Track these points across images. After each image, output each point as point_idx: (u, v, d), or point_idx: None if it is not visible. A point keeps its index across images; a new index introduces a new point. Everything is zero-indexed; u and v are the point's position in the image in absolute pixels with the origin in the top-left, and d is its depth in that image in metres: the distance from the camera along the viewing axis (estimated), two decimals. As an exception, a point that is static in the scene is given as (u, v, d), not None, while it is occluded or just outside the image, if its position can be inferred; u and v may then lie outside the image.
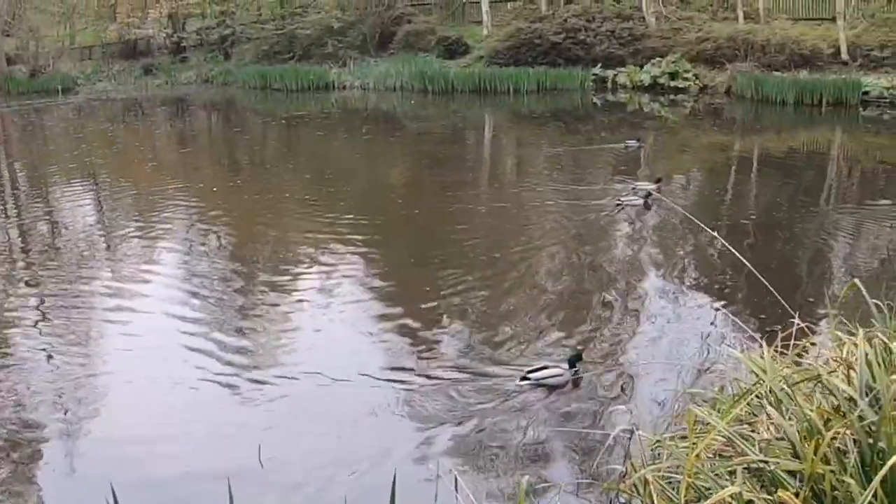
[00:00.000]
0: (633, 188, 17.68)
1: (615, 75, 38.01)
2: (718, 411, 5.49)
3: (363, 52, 46.00)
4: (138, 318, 11.69)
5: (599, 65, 38.49)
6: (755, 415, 5.30)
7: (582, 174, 21.78)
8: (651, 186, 17.54)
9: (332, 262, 14.22)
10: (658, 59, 37.25)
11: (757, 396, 5.22)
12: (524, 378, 8.98)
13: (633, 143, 24.08)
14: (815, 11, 39.41)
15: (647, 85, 36.82)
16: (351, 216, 17.24)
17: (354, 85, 43.74)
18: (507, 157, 26.67)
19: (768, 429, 4.92)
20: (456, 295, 12.21)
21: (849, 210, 17.23)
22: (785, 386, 4.94)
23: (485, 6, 44.22)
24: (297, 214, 18.20)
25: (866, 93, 32.21)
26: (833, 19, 36.43)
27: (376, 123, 34.70)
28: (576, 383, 9.10)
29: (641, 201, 16.89)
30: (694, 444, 4.82)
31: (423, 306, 11.77)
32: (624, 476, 6.03)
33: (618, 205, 16.99)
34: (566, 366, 9.14)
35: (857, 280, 5.81)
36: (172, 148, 31.44)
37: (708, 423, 4.98)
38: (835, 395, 4.63)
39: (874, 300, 5.85)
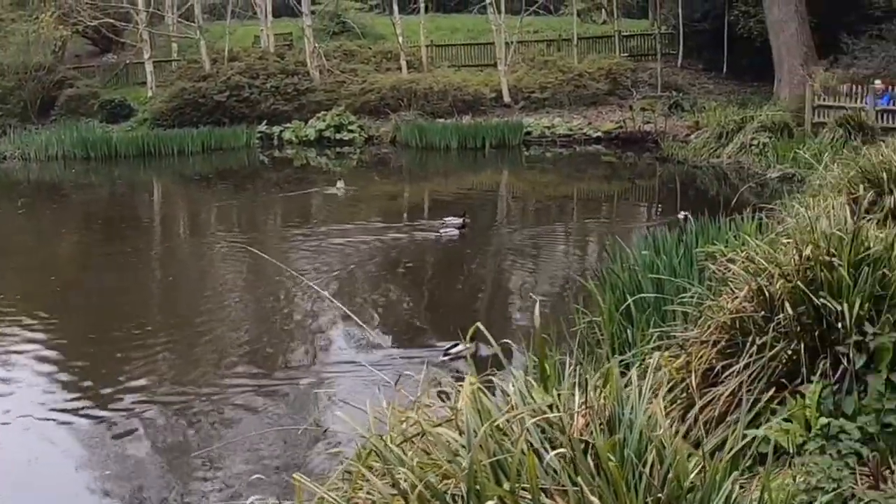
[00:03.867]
0: (443, 223, 19.07)
1: (281, 131, 38.00)
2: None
3: (24, 120, 43.84)
4: None
5: (265, 122, 38.37)
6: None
7: (254, 226, 21.67)
8: (458, 221, 18.88)
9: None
10: (323, 112, 37.57)
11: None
12: (446, 354, 10.57)
13: (340, 184, 25.35)
14: (477, 58, 41.30)
15: (313, 139, 37.01)
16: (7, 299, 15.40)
17: (15, 155, 41.46)
18: (171, 220, 25.85)
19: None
20: (140, 366, 11.50)
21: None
22: (391, 444, 4.41)
23: (149, 66, 43.27)
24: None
25: (528, 133, 33.87)
26: (494, 65, 38.12)
27: (37, 195, 32.72)
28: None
29: (457, 232, 18.52)
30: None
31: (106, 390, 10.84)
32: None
33: (437, 235, 18.65)
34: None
35: (479, 324, 5.41)
36: None
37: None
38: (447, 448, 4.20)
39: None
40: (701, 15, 39.26)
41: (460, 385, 4.61)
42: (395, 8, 40.32)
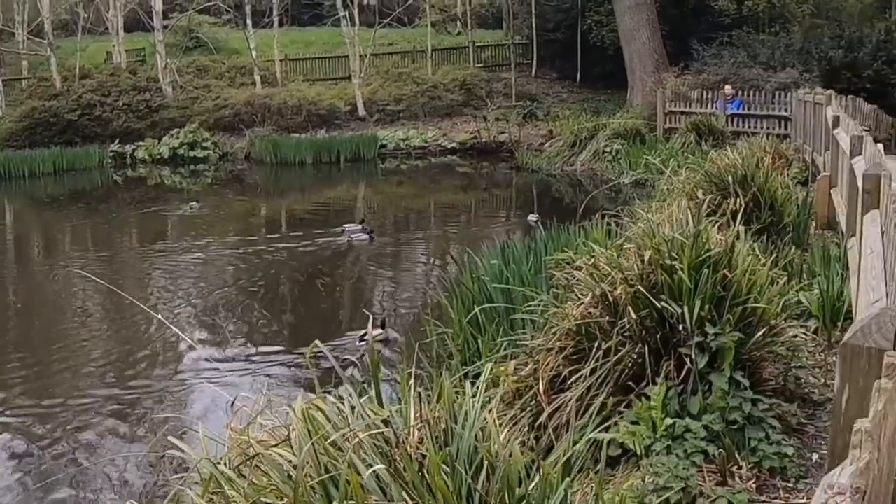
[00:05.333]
0: (343, 230, 19.59)
1: (134, 150, 37.08)
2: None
3: None
4: None
5: (118, 140, 37.43)
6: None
7: (109, 246, 21.11)
8: (357, 227, 19.53)
9: None
10: (177, 129, 36.87)
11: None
12: (361, 340, 11.58)
13: (194, 204, 25.00)
14: (331, 72, 41.20)
15: (167, 157, 36.23)
16: None
17: None
18: (21, 243, 24.89)
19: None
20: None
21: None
22: (223, 467, 4.24)
23: (-3, 86, 41.82)
24: None
25: (384, 146, 33.94)
26: (349, 78, 38.10)
27: None
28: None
29: (366, 236, 19.15)
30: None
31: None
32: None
33: (348, 241, 19.13)
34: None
35: (318, 341, 5.28)
36: None
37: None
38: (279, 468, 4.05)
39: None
40: (554, 25, 39.94)
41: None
42: (249, 22, 39.88)
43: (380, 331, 11.84)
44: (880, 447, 2.11)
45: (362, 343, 11.54)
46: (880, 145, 12.27)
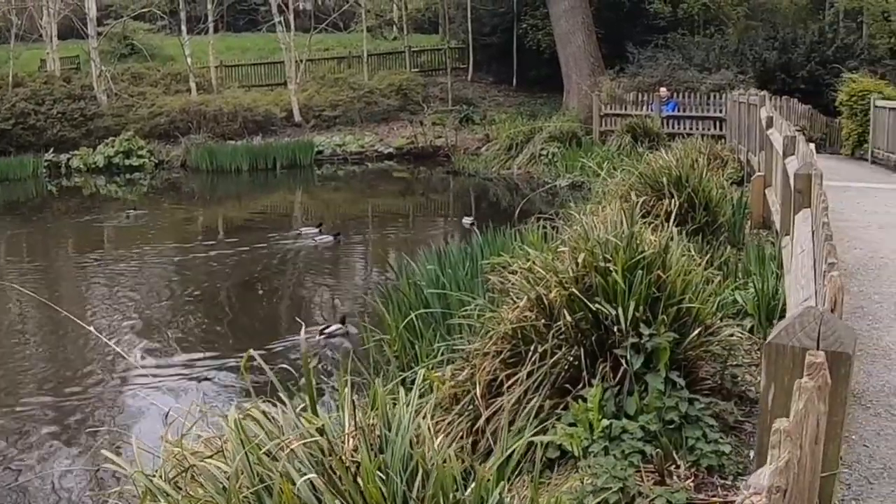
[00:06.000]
0: (300, 233, 20.40)
1: (69, 159, 36.57)
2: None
3: None
4: None
5: (52, 149, 36.89)
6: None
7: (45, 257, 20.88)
8: (314, 231, 20.12)
9: None
10: (112, 138, 36.43)
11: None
12: (321, 333, 12.19)
13: (131, 212, 25.22)
14: (267, 78, 41.02)
15: (102, 166, 35.78)
16: None
17: None
18: None
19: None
20: None
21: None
22: (159, 481, 4.16)
23: (-71, 95, 40.98)
24: None
25: (320, 152, 33.89)
26: (285, 84, 37.95)
27: None
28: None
29: (330, 238, 19.72)
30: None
31: None
32: None
33: (314, 243, 19.60)
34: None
35: (252, 350, 5.21)
36: None
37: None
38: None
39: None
40: (490, 29, 40.13)
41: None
42: (184, 28, 39.54)
43: (339, 325, 12.40)
44: (802, 446, 2.15)
45: (322, 336, 12.12)
46: (812, 145, 12.50)
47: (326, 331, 12.41)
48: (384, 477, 3.61)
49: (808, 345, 3.24)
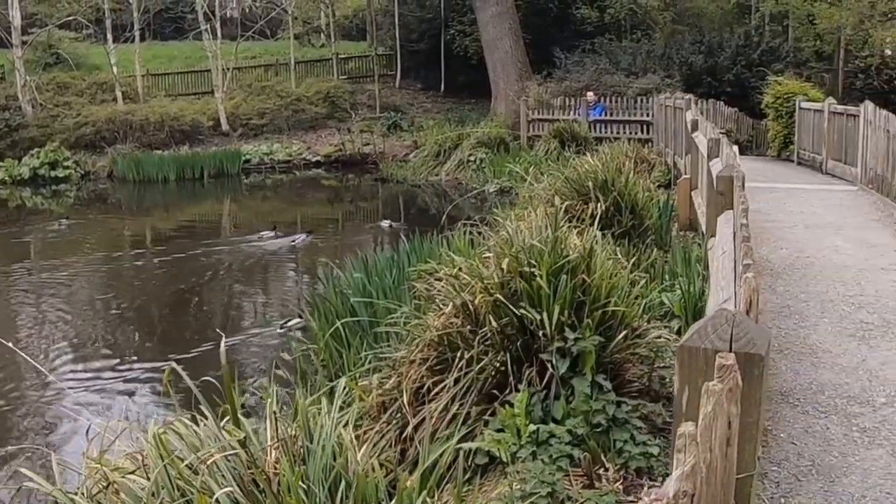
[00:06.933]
0: (260, 236, 20.80)
1: (-7, 171, 35.91)
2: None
3: None
4: None
5: (-25, 162, 36.19)
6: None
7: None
8: (272, 234, 20.77)
9: None
10: (37, 149, 35.81)
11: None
12: (282, 327, 12.61)
13: (63, 222, 25.14)
14: (194, 86, 40.63)
15: (27, 178, 35.11)
16: None
17: None
18: None
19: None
20: None
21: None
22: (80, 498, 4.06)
23: None
24: None
25: (248, 160, 33.72)
26: (212, 92, 37.65)
27: None
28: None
29: (308, 238, 20.47)
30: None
31: None
32: None
33: (293, 244, 20.27)
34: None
35: (173, 363, 5.12)
36: None
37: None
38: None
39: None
40: (418, 35, 40.17)
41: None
42: (110, 37, 39.01)
43: (297, 320, 12.66)
44: (712, 448, 2.17)
45: (282, 330, 12.56)
46: (736, 147, 12.68)
47: (287, 325, 12.76)
48: (306, 488, 3.59)
49: (720, 347, 3.27)
